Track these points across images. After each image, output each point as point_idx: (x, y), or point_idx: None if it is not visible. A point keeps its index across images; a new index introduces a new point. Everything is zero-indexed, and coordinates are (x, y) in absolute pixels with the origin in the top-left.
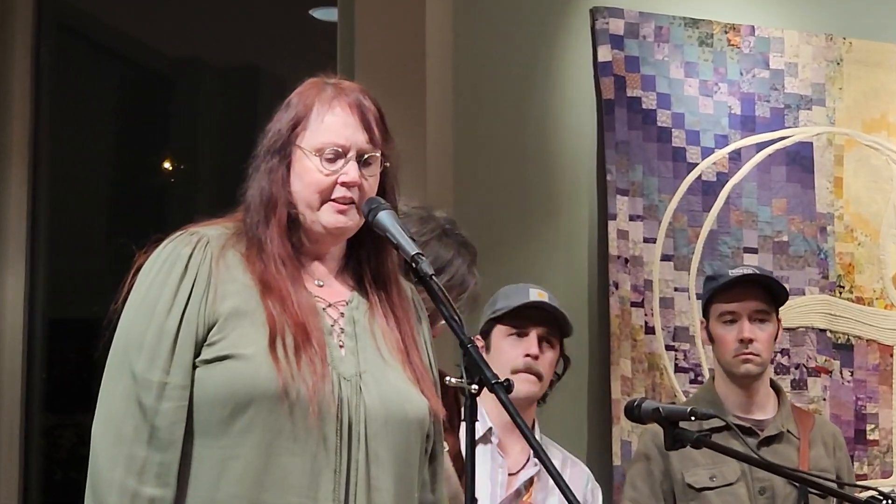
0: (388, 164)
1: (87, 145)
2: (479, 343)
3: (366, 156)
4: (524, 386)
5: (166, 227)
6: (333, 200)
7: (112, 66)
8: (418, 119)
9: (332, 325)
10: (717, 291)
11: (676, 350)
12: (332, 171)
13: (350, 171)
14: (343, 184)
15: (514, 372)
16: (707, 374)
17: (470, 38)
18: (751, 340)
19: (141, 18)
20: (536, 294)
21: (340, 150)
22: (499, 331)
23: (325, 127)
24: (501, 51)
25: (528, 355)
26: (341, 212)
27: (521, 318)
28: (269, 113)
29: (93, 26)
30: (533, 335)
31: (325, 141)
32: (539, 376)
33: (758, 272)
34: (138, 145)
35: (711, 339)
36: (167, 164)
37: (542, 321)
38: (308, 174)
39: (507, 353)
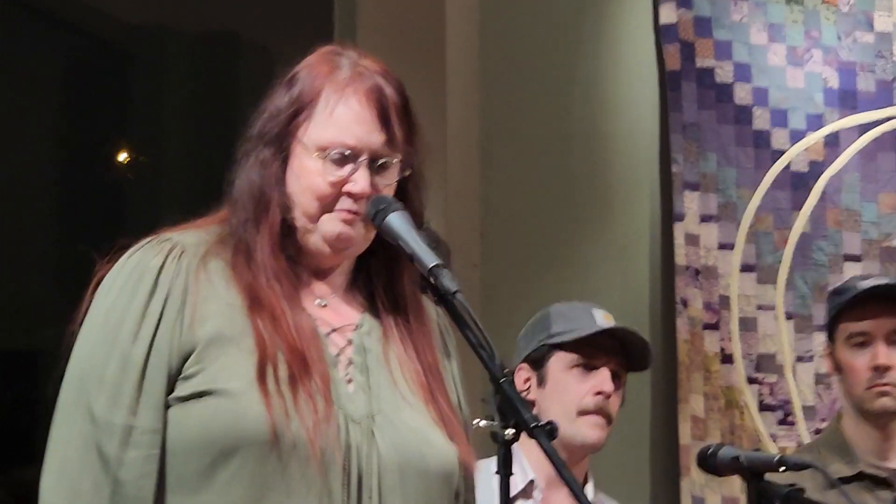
0: (408, 172)
1: (26, 133)
2: (527, 374)
3: (381, 160)
4: (593, 431)
5: (125, 232)
6: (335, 212)
7: (56, 35)
8: (436, 101)
9: (337, 355)
10: (845, 308)
11: (761, 383)
12: (337, 179)
13: (359, 179)
14: (349, 194)
15: (583, 413)
16: (798, 412)
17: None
18: (888, 368)
19: None
20: (603, 317)
21: (349, 152)
22: (560, 361)
23: (334, 121)
24: (539, 13)
25: (599, 393)
26: (346, 221)
27: (590, 347)
28: (251, 90)
29: None
30: (605, 370)
31: (331, 139)
32: (610, 419)
33: (893, 283)
34: (89, 132)
35: (838, 367)
36: (124, 156)
37: (614, 352)
38: (307, 176)
39: (574, 389)
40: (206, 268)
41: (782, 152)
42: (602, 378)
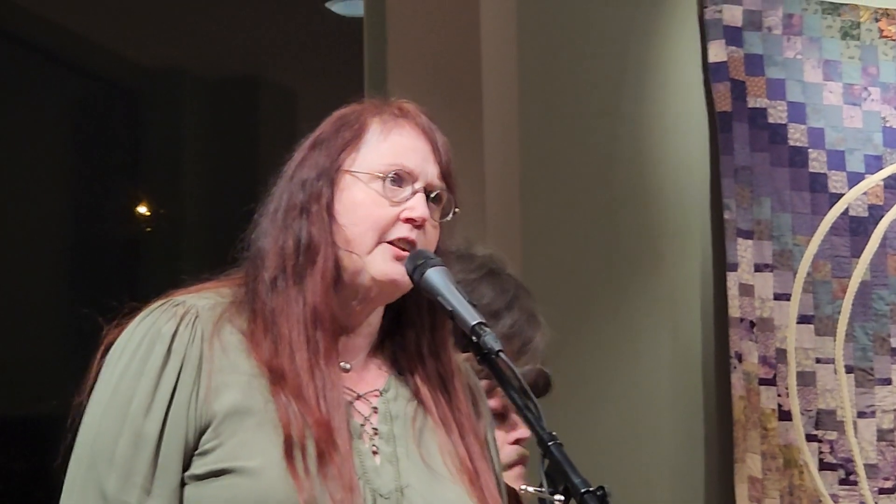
0: (457, 210)
1: (36, 184)
2: None
3: (434, 192)
4: None
5: (142, 293)
6: (391, 243)
7: (69, 80)
8: (474, 142)
9: (362, 425)
10: None
11: (821, 441)
12: (396, 202)
13: (417, 205)
14: (406, 220)
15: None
16: (861, 471)
17: (539, 33)
18: None
19: (104, 19)
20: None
21: (408, 175)
22: None
23: (390, 145)
24: (581, 50)
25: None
26: (399, 258)
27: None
28: (274, 135)
29: (42, 31)
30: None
31: (389, 161)
32: None
33: None
34: (104, 183)
35: None
36: (142, 209)
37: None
38: (361, 205)
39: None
40: (221, 335)
41: (840, 196)
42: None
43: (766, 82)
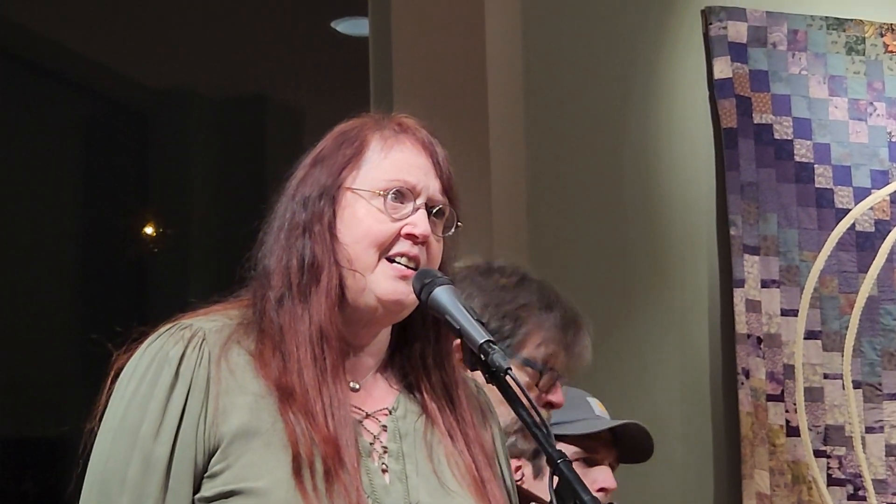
0: (460, 225)
1: (44, 205)
2: (518, 463)
3: (437, 207)
4: None
5: (150, 313)
6: (392, 260)
7: (77, 101)
8: (480, 160)
9: (371, 444)
10: None
11: (829, 457)
12: (397, 217)
13: (419, 221)
14: (408, 236)
15: None
16: (869, 486)
17: (545, 52)
18: None
19: (112, 41)
20: (599, 406)
21: (409, 191)
22: None
23: (391, 162)
24: (587, 67)
25: (602, 489)
26: (403, 277)
27: (592, 441)
28: (281, 154)
29: (48, 52)
30: (606, 466)
31: (390, 177)
32: None
33: None
34: (110, 204)
35: None
36: (149, 229)
37: (612, 446)
38: (362, 222)
39: None
40: (228, 356)
41: (846, 211)
42: (605, 474)
43: (772, 98)
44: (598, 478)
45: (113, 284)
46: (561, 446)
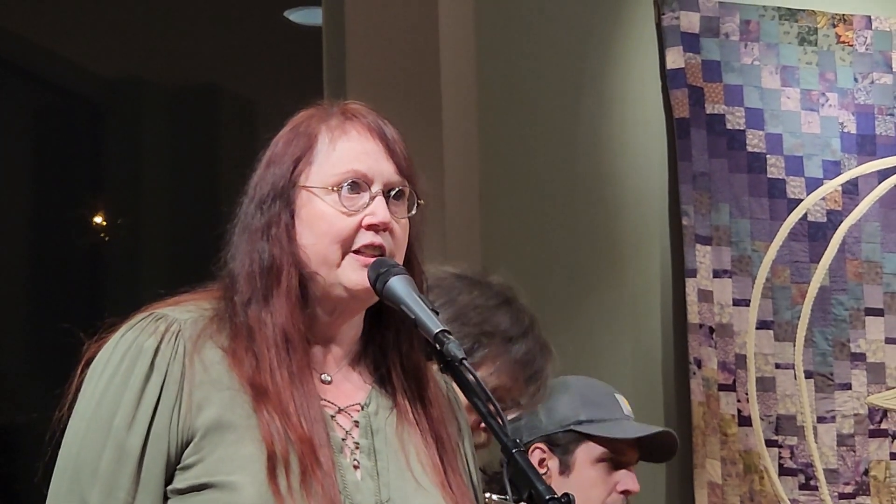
0: (421, 202)
1: None
2: (544, 455)
3: (394, 190)
4: None
5: (101, 302)
6: (356, 252)
7: (27, 90)
8: (433, 150)
9: (343, 440)
10: None
11: (781, 446)
12: (355, 210)
13: (377, 209)
14: (369, 227)
15: None
16: (821, 476)
17: (498, 42)
18: None
19: (63, 30)
20: (625, 404)
21: (362, 181)
22: (587, 452)
23: (339, 154)
24: (540, 58)
25: (625, 492)
26: (367, 266)
27: (620, 443)
28: (233, 144)
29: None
30: (632, 469)
31: (340, 171)
32: None
33: None
34: (62, 193)
35: None
36: (99, 219)
37: (637, 448)
38: (321, 220)
39: (600, 485)
40: (202, 351)
41: (798, 202)
42: (630, 478)
43: (724, 88)
44: (623, 481)
45: (64, 274)
46: (588, 446)
